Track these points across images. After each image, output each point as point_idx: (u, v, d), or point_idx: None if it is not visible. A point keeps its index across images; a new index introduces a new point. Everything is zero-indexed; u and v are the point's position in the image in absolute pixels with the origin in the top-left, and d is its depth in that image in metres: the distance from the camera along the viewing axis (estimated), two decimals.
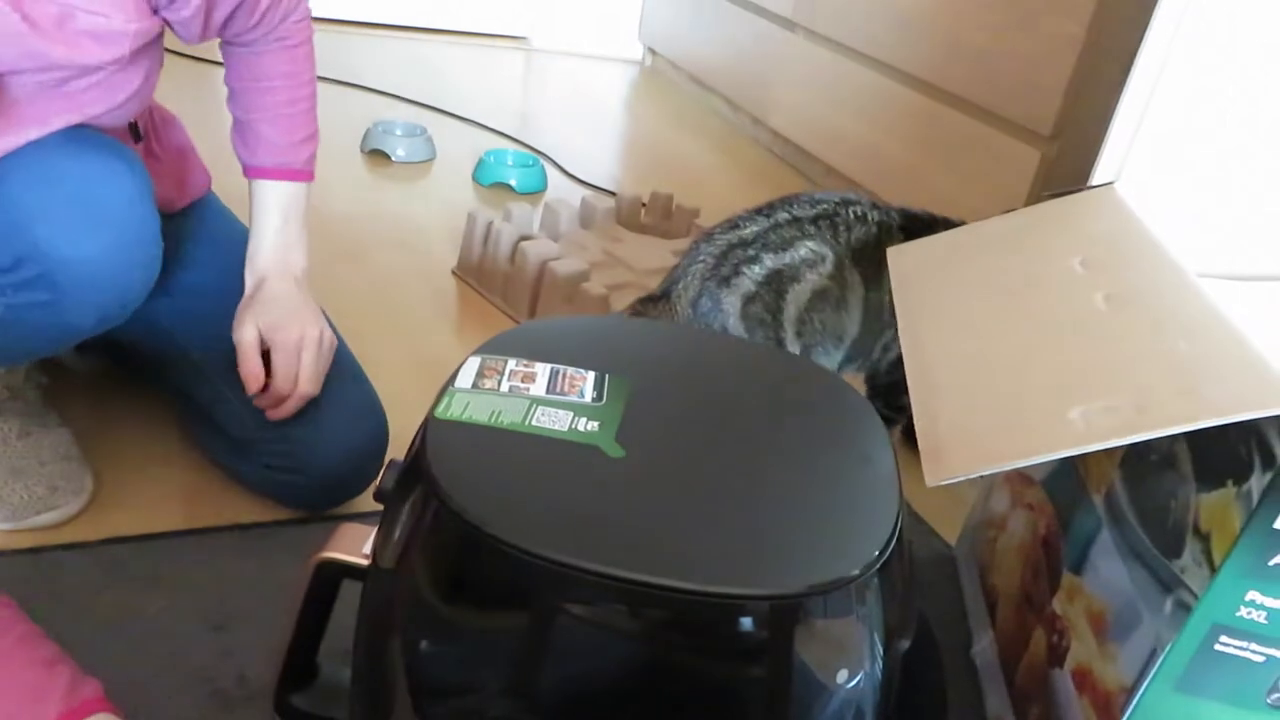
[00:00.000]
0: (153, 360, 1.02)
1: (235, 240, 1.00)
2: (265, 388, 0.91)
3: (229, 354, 0.93)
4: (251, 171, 0.98)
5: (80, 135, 0.80)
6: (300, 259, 0.98)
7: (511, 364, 0.62)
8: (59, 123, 0.80)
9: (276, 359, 0.91)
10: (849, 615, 0.51)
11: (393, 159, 1.92)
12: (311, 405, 0.93)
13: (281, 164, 0.98)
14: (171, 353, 0.99)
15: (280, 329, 0.92)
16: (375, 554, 0.58)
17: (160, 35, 0.87)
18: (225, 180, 1.10)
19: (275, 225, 0.97)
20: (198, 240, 1.03)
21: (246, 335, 0.91)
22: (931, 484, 0.59)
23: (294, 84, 0.98)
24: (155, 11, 0.82)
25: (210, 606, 0.85)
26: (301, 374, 0.92)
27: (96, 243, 0.77)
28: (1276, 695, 0.60)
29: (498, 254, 1.44)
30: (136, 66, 0.85)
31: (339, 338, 0.99)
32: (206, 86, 1.90)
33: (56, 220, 0.76)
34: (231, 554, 0.91)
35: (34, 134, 0.79)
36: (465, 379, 0.60)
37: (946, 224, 1.14)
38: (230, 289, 0.96)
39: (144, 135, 1.00)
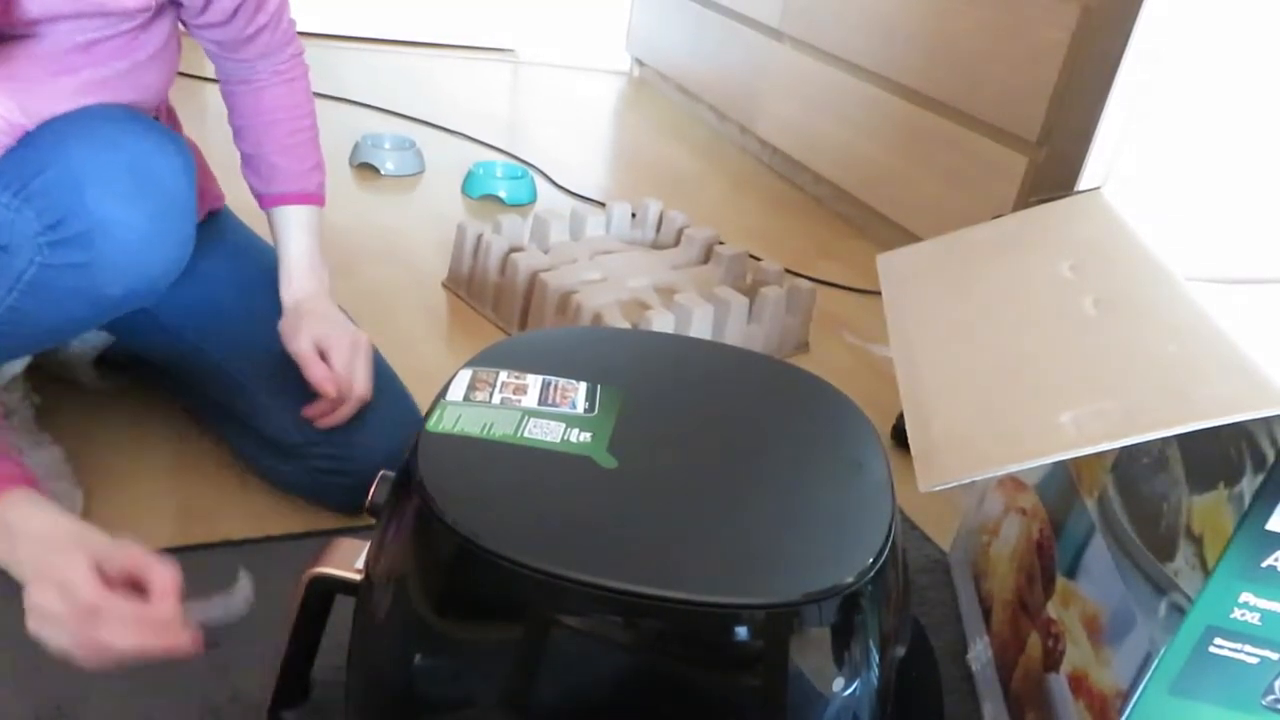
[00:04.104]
0: (186, 376, 1.04)
1: (258, 251, 1.05)
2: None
3: (265, 364, 0.96)
4: (270, 200, 1.02)
5: (135, 114, 0.83)
6: (327, 276, 1.03)
7: (503, 376, 0.62)
8: (87, 75, 0.83)
9: (336, 365, 0.94)
10: (844, 623, 0.51)
11: (382, 172, 1.92)
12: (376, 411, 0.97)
13: (299, 190, 1.02)
14: (205, 367, 1.01)
15: (330, 338, 0.95)
16: (368, 568, 0.58)
17: (176, 16, 0.92)
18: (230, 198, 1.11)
19: (304, 246, 1.01)
20: (222, 253, 1.05)
21: (304, 346, 0.94)
22: (924, 489, 0.59)
23: (296, 115, 1.02)
24: None
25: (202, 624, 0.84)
26: (357, 378, 0.95)
27: (142, 210, 0.79)
28: (1271, 697, 0.60)
29: (488, 266, 1.44)
30: (159, 28, 0.89)
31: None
32: (198, 104, 1.90)
33: (109, 183, 0.78)
34: (223, 570, 0.91)
35: (65, 82, 0.82)
36: (457, 392, 0.60)
37: None
38: (259, 300, 1.00)
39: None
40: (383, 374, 1.02)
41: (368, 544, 0.60)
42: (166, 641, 0.66)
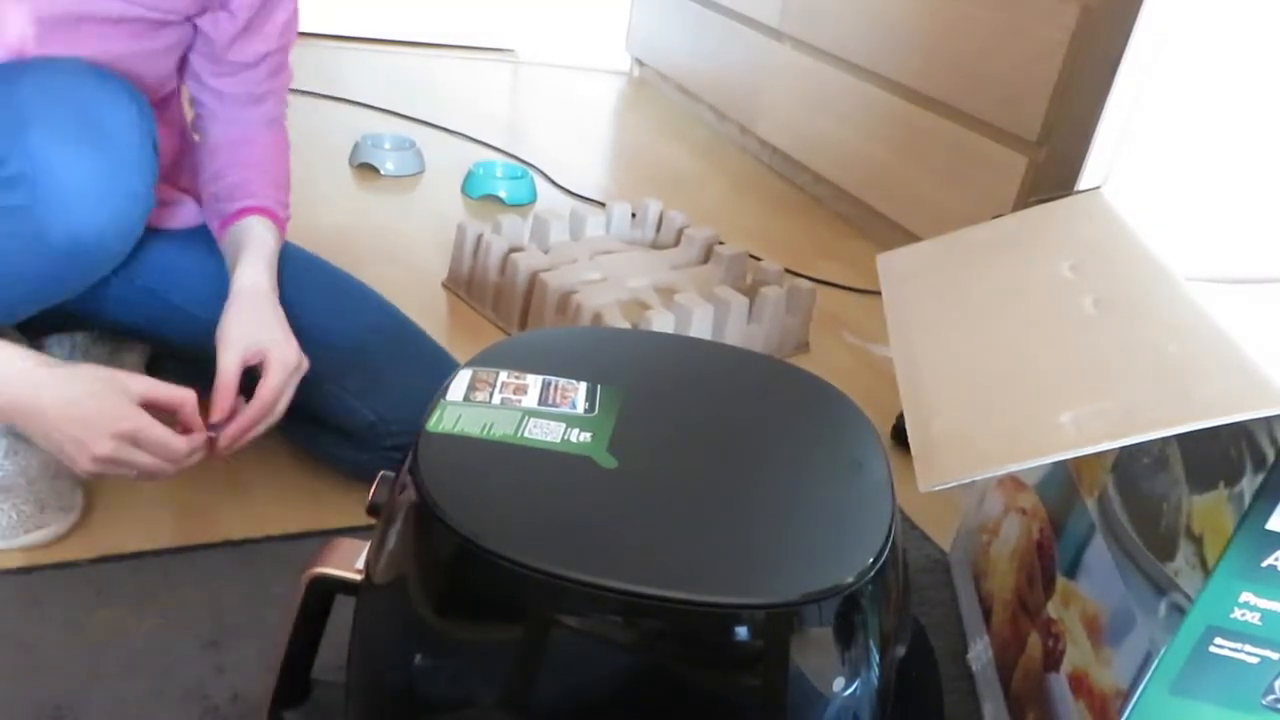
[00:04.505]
0: (244, 376, 1.02)
1: (294, 252, 1.05)
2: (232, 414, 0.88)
3: (329, 353, 0.96)
4: (238, 214, 0.99)
5: (94, 68, 0.82)
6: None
7: (503, 376, 0.62)
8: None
9: (271, 383, 0.89)
10: (844, 623, 0.51)
11: (381, 172, 1.92)
12: (425, 382, 0.93)
13: (270, 205, 1.01)
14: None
15: (272, 354, 0.90)
16: (368, 569, 0.58)
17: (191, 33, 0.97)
18: None
19: (271, 249, 0.98)
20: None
21: (231, 358, 0.89)
22: (924, 489, 0.59)
23: (277, 153, 1.06)
24: None
25: (203, 624, 0.85)
26: (280, 404, 0.90)
27: (87, 156, 0.78)
28: (1272, 697, 0.60)
29: (488, 266, 1.44)
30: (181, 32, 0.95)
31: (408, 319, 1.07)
32: None
33: (55, 127, 0.77)
34: (224, 571, 0.91)
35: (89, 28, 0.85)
36: (457, 392, 0.60)
37: None
38: (310, 294, 1.00)
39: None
40: (425, 344, 1.04)
41: (368, 544, 0.60)
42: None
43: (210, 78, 1.02)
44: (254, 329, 0.91)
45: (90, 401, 0.79)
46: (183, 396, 0.83)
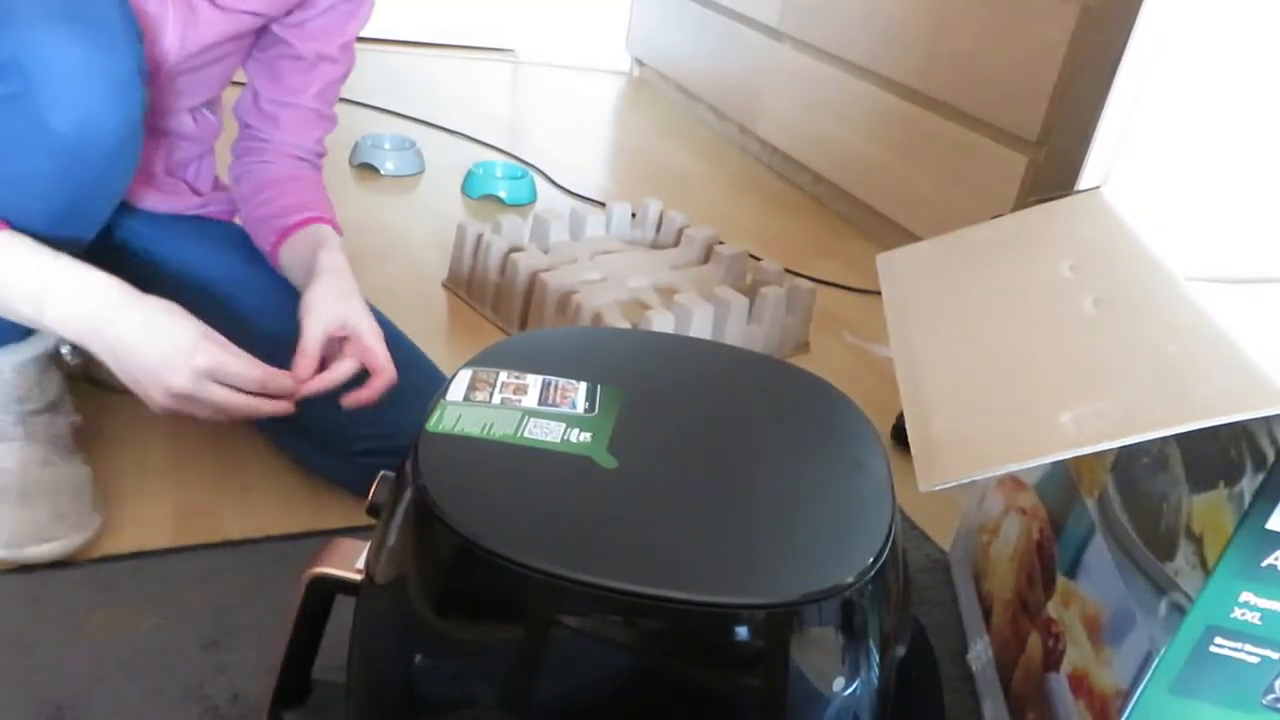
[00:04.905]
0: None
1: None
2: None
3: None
4: (301, 224, 1.01)
5: None
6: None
7: (503, 376, 0.62)
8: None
9: (369, 342, 0.92)
10: (844, 623, 0.51)
11: (381, 172, 1.92)
12: (400, 388, 0.95)
13: (333, 218, 1.04)
14: None
15: (359, 320, 0.93)
16: (368, 569, 0.58)
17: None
18: None
19: (340, 245, 1.00)
20: (244, 253, 1.09)
21: (315, 329, 0.91)
22: (924, 489, 0.60)
23: (323, 188, 1.09)
24: None
25: (203, 624, 0.85)
26: (385, 361, 0.93)
27: (75, 36, 0.77)
28: (1272, 696, 0.60)
29: (488, 266, 1.44)
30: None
31: (389, 321, 1.06)
32: None
33: (37, 11, 0.76)
34: (223, 571, 0.91)
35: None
36: (457, 392, 0.60)
37: None
38: (285, 296, 1.00)
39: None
40: (409, 350, 1.03)
41: (368, 544, 0.60)
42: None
43: (268, 102, 1.05)
44: (338, 302, 0.93)
45: (171, 332, 0.80)
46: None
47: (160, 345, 0.80)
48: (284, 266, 1.03)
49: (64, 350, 0.95)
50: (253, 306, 1.01)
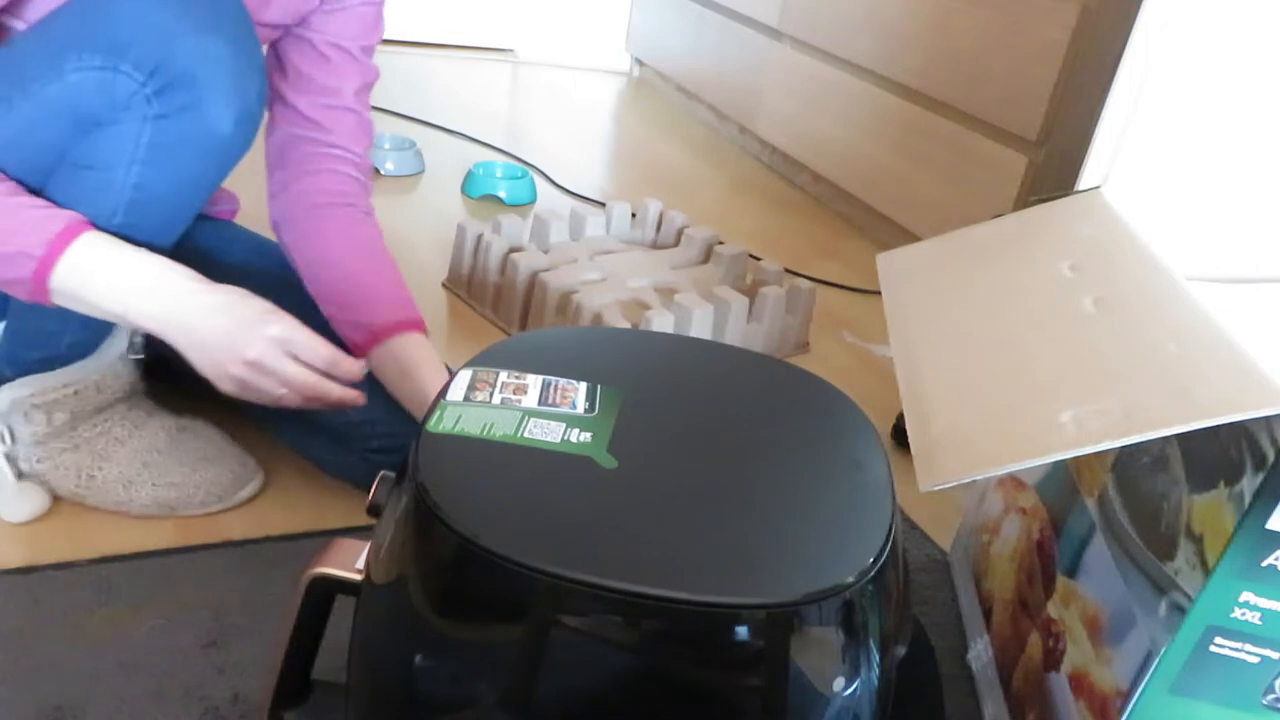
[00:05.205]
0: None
1: (278, 249, 1.06)
2: None
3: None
4: (393, 329, 0.97)
5: None
6: None
7: (503, 376, 0.62)
8: None
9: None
10: (845, 623, 0.51)
11: (381, 173, 1.92)
12: None
13: (418, 316, 1.00)
14: None
15: None
16: (368, 569, 0.58)
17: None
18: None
19: (438, 369, 0.97)
20: (251, 249, 1.09)
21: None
22: (924, 489, 0.60)
23: (393, 271, 1.05)
24: None
25: (203, 624, 0.85)
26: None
27: (224, 35, 0.80)
28: (1272, 696, 0.60)
29: (488, 266, 1.44)
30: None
31: None
32: None
33: (186, 18, 0.78)
34: (223, 571, 0.91)
35: None
36: (457, 392, 0.60)
37: None
38: (297, 291, 1.00)
39: None
40: None
41: (368, 544, 0.60)
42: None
43: (309, 106, 1.02)
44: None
45: (244, 307, 0.83)
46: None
47: (236, 315, 0.82)
48: (377, 367, 1.00)
49: (135, 340, 0.97)
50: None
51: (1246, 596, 0.57)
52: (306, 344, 0.84)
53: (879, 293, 0.88)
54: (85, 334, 0.91)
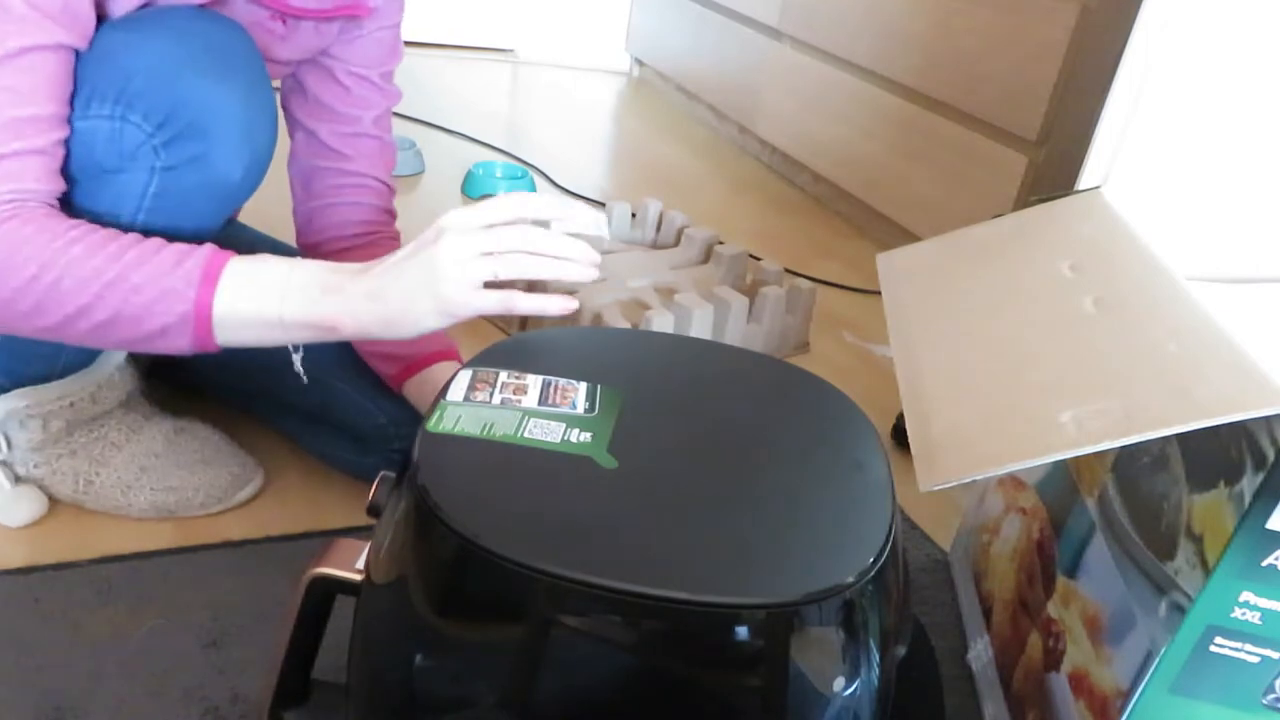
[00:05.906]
0: (247, 384, 1.04)
1: (290, 250, 1.06)
2: None
3: (339, 353, 0.98)
4: (426, 361, 0.97)
5: (200, 11, 0.82)
6: None
7: (503, 376, 0.62)
8: None
9: None
10: (845, 623, 0.51)
11: None
12: None
13: (452, 347, 1.00)
14: (273, 364, 0.96)
15: None
16: (368, 569, 0.58)
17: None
18: None
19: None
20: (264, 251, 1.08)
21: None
22: (924, 489, 0.60)
23: None
24: None
25: (202, 624, 0.85)
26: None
27: (234, 84, 0.79)
28: (1272, 696, 0.60)
29: None
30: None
31: None
32: None
33: (198, 68, 0.77)
34: (223, 571, 0.91)
35: None
36: (457, 392, 0.60)
37: None
38: None
39: None
40: None
41: (368, 544, 0.60)
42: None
43: (330, 135, 1.03)
44: None
45: (405, 249, 0.77)
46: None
47: (411, 251, 0.75)
48: (407, 391, 1.00)
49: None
50: None
51: (1246, 596, 0.57)
52: (484, 209, 0.74)
53: (879, 293, 0.88)
54: (81, 355, 0.91)
